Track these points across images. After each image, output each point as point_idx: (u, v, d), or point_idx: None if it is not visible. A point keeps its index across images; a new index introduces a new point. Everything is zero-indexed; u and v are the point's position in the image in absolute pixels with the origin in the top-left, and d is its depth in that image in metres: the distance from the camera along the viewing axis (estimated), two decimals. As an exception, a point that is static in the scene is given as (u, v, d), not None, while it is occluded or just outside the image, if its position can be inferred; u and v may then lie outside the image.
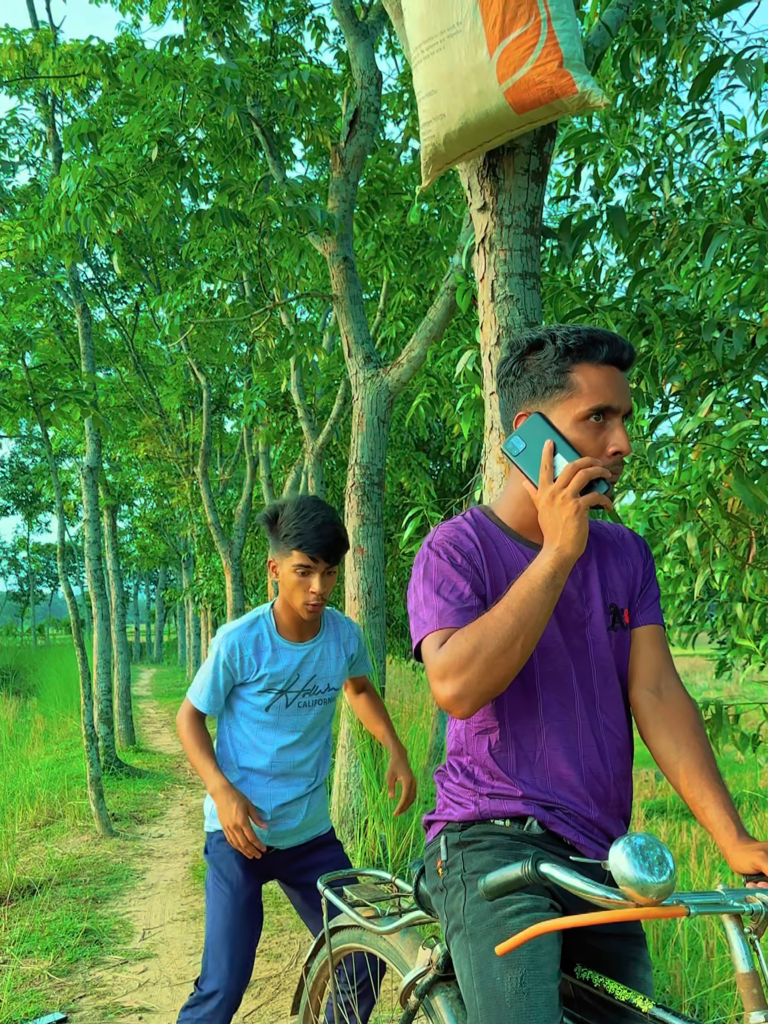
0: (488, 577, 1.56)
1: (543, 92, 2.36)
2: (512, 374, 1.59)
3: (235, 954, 2.36)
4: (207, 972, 2.36)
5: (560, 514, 1.43)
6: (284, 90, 6.11)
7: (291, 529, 2.37)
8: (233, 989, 2.34)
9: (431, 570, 1.56)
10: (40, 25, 8.32)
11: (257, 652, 2.45)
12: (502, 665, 1.41)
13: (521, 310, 2.95)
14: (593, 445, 1.50)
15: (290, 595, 2.43)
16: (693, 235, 3.61)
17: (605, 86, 4.31)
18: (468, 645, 1.42)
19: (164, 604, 41.14)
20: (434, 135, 2.66)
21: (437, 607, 1.51)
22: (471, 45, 2.45)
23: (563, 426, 1.51)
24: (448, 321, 5.36)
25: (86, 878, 5.45)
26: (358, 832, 5.08)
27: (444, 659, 1.44)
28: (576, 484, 1.43)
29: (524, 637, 1.42)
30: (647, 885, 1.12)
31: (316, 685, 2.53)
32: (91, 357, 8.82)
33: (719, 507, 3.19)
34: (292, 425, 9.31)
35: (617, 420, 1.52)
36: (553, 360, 1.52)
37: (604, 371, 1.52)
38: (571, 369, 1.51)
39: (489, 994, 1.41)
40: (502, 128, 2.53)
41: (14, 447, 35.62)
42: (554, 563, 1.43)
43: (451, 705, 1.43)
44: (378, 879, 2.16)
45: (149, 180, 5.61)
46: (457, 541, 1.58)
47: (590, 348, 1.51)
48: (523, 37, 2.36)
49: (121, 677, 11.34)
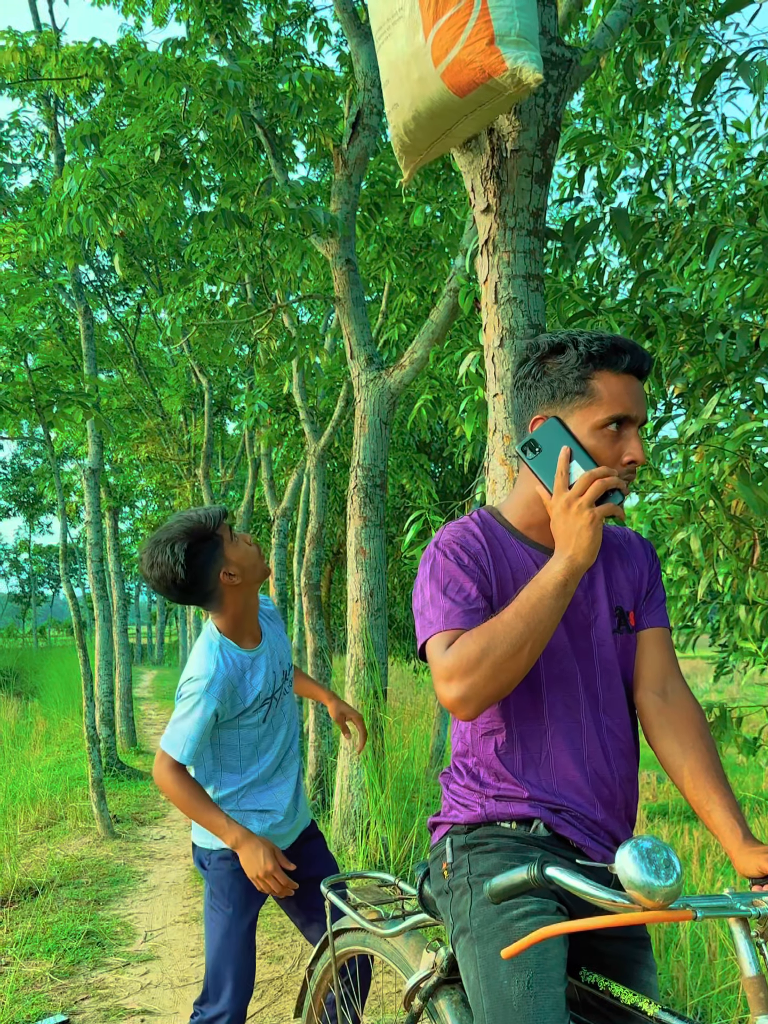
0: (494, 578, 1.56)
1: (475, 72, 2.24)
2: (531, 376, 1.58)
3: (239, 976, 2.34)
4: (209, 995, 2.33)
5: (575, 523, 1.43)
6: (287, 92, 6.11)
7: (208, 525, 2.29)
8: (238, 1010, 2.32)
9: (438, 570, 1.56)
10: (43, 27, 8.33)
11: (241, 681, 2.36)
12: (509, 670, 1.41)
13: (524, 312, 2.95)
14: (609, 453, 1.50)
15: (252, 567, 2.34)
16: (696, 237, 3.61)
17: (608, 88, 4.31)
18: (476, 648, 1.42)
19: (165, 606, 41.15)
20: (395, 125, 2.58)
21: (443, 608, 1.51)
22: (410, 30, 2.35)
23: (580, 433, 1.50)
24: (450, 323, 5.36)
25: (88, 880, 5.45)
26: (360, 834, 5.08)
27: (451, 661, 1.44)
28: (592, 494, 1.43)
29: (532, 643, 1.42)
30: (654, 889, 1.12)
31: (284, 671, 2.51)
32: (93, 359, 8.83)
33: (723, 509, 3.19)
34: (294, 427, 9.31)
35: (633, 430, 1.52)
36: (575, 366, 1.51)
37: (624, 380, 1.51)
38: (592, 376, 1.51)
39: (496, 997, 1.40)
40: (452, 115, 2.41)
41: (16, 449, 35.65)
42: (566, 571, 1.43)
43: (456, 707, 1.43)
44: (381, 881, 2.15)
45: (151, 182, 5.62)
46: (464, 541, 1.58)
47: (612, 356, 1.50)
48: (455, 17, 2.25)
49: (123, 679, 11.34)
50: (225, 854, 2.38)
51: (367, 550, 5.45)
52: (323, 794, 6.79)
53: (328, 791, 6.76)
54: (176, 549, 2.22)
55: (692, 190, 4.04)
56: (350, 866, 4.98)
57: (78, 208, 5.26)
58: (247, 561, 2.34)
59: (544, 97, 3.00)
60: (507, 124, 3.00)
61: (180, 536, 2.24)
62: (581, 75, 3.17)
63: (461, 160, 3.16)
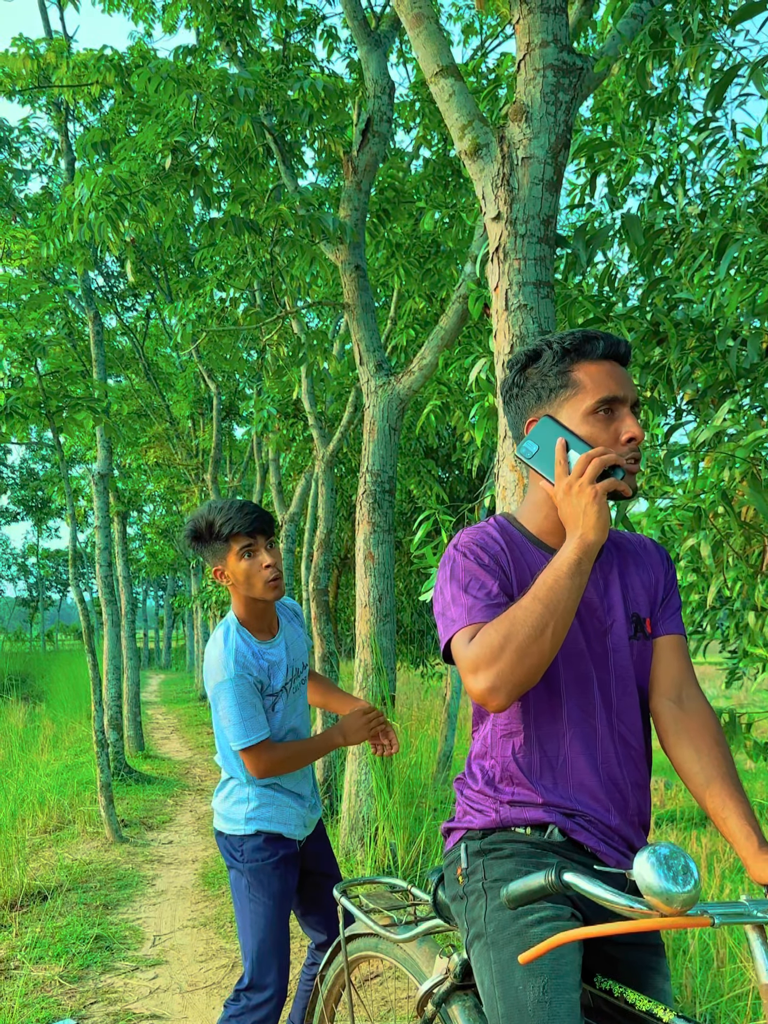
0: (515, 579, 1.57)
1: None
2: (515, 386, 1.63)
3: (283, 960, 2.42)
4: (254, 982, 2.38)
5: (579, 502, 1.45)
6: (297, 99, 6.13)
7: (220, 526, 2.40)
8: (283, 990, 2.41)
9: (458, 570, 1.56)
10: (54, 34, 8.37)
11: (262, 670, 2.45)
12: (534, 653, 1.41)
13: (535, 319, 2.96)
14: (606, 436, 1.52)
15: (249, 585, 2.43)
16: (707, 244, 3.61)
17: (618, 95, 4.32)
18: (498, 636, 1.42)
19: (173, 610, 41.20)
20: None
21: (466, 604, 1.52)
22: None
23: (572, 423, 1.53)
24: (459, 329, 5.37)
25: (96, 884, 5.46)
26: (368, 839, 5.08)
27: (475, 651, 1.44)
28: (592, 471, 1.45)
29: (554, 624, 1.41)
30: (672, 895, 1.12)
31: (298, 669, 2.58)
32: (103, 364, 8.86)
33: (733, 516, 3.19)
34: (302, 432, 9.32)
35: (625, 409, 1.54)
36: (552, 364, 1.56)
37: (604, 365, 1.55)
38: (571, 368, 1.55)
39: (512, 1003, 1.40)
40: None
41: (25, 453, 35.75)
42: (578, 550, 1.44)
43: (486, 697, 1.42)
44: (392, 887, 2.16)
45: (162, 188, 5.64)
46: (483, 543, 1.59)
47: (585, 346, 1.55)
48: None
49: (130, 683, 11.36)
50: (258, 843, 2.43)
51: (375, 555, 5.45)
52: (331, 799, 6.79)
53: (336, 796, 6.76)
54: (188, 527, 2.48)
55: (702, 197, 4.04)
56: (358, 871, 4.98)
57: (90, 214, 5.29)
58: (242, 577, 2.43)
59: (555, 105, 3.01)
60: (518, 131, 3.01)
61: (198, 517, 2.46)
62: (592, 82, 3.18)
63: (472, 167, 3.17)
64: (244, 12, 6.31)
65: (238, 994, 2.41)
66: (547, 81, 3.00)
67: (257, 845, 2.44)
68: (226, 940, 4.45)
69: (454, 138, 3.26)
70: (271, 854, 2.43)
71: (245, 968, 2.42)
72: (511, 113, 3.03)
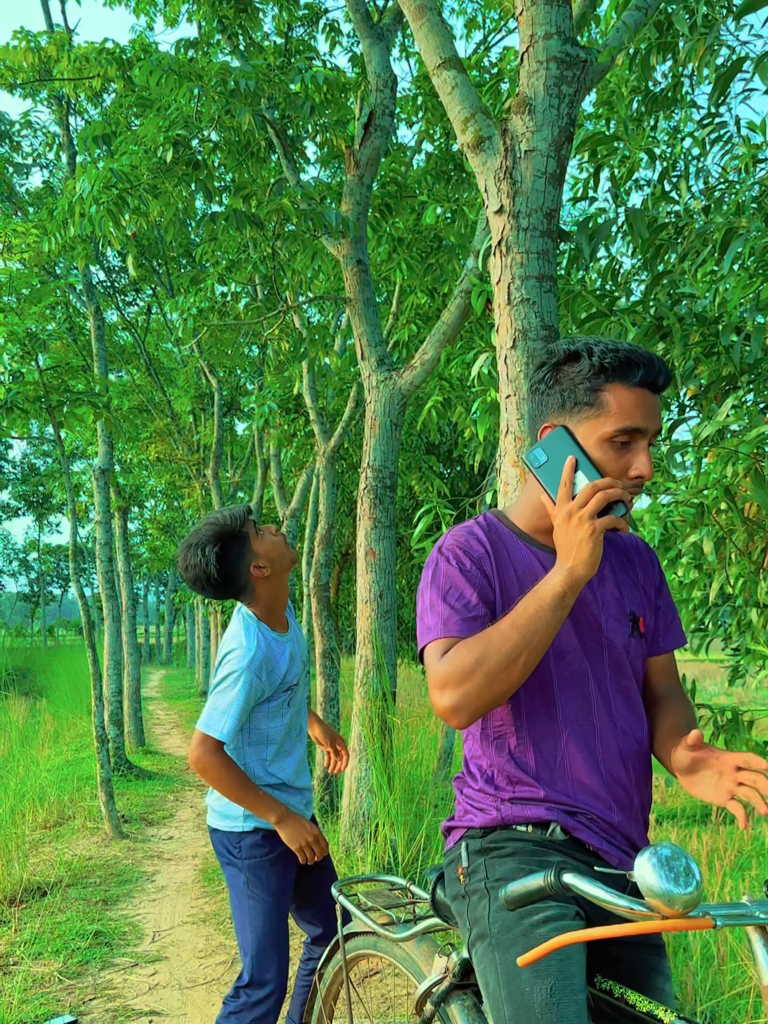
0: (498, 583, 1.55)
1: None
2: (544, 382, 1.56)
3: (283, 956, 2.43)
4: (254, 979, 2.39)
5: (576, 534, 1.42)
6: (299, 93, 6.11)
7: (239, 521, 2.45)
8: (283, 986, 2.41)
9: (439, 575, 1.56)
10: (55, 27, 8.34)
11: (276, 663, 2.46)
12: (503, 680, 1.41)
13: (538, 313, 2.94)
14: (615, 466, 1.48)
15: (280, 557, 2.48)
16: (711, 238, 3.59)
17: (622, 89, 4.29)
18: (471, 658, 1.42)
19: (173, 606, 41.24)
20: None
21: (442, 614, 1.51)
22: None
23: (588, 444, 1.49)
24: (462, 324, 5.35)
25: (96, 880, 5.45)
26: (368, 836, 5.06)
27: (446, 669, 1.44)
28: (595, 505, 1.42)
29: (527, 655, 1.41)
30: (674, 897, 1.11)
31: (305, 660, 2.63)
32: (104, 359, 8.85)
33: (736, 512, 3.17)
34: (304, 428, 9.30)
35: (643, 443, 1.50)
36: (587, 376, 1.49)
37: (636, 393, 1.48)
38: (603, 388, 1.48)
39: (518, 1004, 1.39)
40: None
41: (25, 448, 35.76)
42: (564, 583, 1.42)
43: (448, 715, 1.43)
44: (391, 885, 2.14)
45: (164, 182, 5.62)
46: (467, 546, 1.57)
47: (625, 369, 1.48)
48: None
49: (131, 679, 11.36)
50: (256, 840, 2.43)
51: (377, 551, 5.44)
52: (331, 796, 6.78)
53: (336, 793, 6.75)
54: (207, 552, 2.40)
55: (706, 192, 4.02)
56: (358, 868, 4.97)
57: (91, 208, 5.27)
58: (274, 552, 2.48)
59: (559, 98, 2.99)
60: (521, 125, 2.99)
61: (209, 539, 2.41)
62: (596, 75, 3.16)
63: (475, 161, 3.15)
64: (246, 5, 6.28)
65: (238, 991, 2.41)
66: (550, 74, 2.97)
67: (255, 842, 2.43)
68: (226, 936, 4.44)
69: (457, 131, 3.23)
70: (269, 851, 2.43)
71: (244, 965, 2.42)
72: (514, 106, 3.01)
